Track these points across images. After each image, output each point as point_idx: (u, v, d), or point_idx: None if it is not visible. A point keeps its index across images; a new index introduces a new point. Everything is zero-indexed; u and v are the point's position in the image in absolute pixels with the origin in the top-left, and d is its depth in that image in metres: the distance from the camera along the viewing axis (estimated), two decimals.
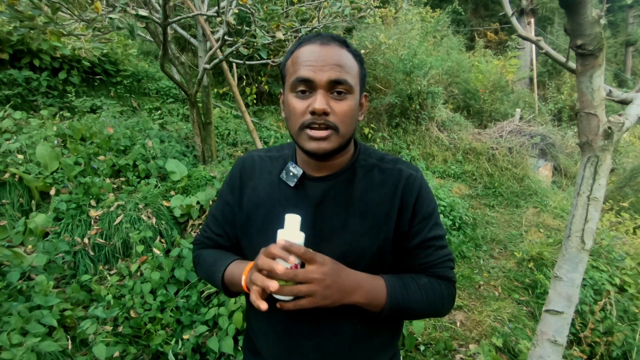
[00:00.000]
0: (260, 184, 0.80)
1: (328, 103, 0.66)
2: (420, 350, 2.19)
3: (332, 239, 0.73)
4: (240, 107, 3.29)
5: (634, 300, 2.40)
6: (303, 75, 0.66)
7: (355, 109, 0.71)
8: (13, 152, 2.68)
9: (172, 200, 2.71)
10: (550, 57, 1.33)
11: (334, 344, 0.76)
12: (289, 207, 0.74)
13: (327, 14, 3.04)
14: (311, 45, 0.68)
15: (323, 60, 0.66)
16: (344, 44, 0.71)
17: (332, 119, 0.67)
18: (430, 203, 0.77)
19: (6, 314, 1.68)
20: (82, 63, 3.92)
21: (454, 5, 6.69)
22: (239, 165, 0.85)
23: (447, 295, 0.77)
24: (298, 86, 0.67)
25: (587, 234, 1.11)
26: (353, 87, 0.69)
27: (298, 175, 0.76)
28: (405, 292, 0.72)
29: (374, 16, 4.95)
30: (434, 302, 0.75)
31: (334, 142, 0.68)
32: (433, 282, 0.76)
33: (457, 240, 3.52)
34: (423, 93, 5.41)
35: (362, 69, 0.73)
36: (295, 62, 0.69)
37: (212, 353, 1.87)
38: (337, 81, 0.66)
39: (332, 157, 0.73)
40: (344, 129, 0.69)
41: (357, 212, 0.74)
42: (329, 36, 0.70)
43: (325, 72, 0.66)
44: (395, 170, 0.77)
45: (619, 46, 15.69)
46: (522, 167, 5.32)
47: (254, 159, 0.84)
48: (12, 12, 1.92)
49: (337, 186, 0.75)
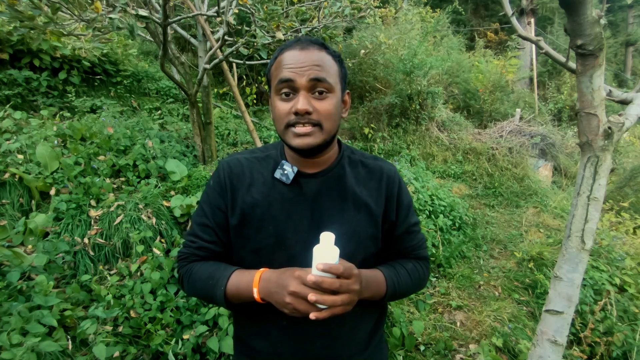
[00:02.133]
0: (253, 184, 0.81)
1: (310, 103, 0.71)
2: (420, 350, 2.19)
3: (331, 231, 0.74)
4: (240, 107, 3.29)
5: (634, 300, 2.40)
6: (285, 76, 0.71)
7: (337, 106, 0.75)
8: (13, 152, 2.68)
9: (172, 200, 2.71)
10: (550, 57, 1.33)
11: (337, 328, 0.82)
12: (286, 203, 0.79)
13: (327, 14, 3.04)
14: (292, 50, 0.73)
15: (303, 62, 0.71)
16: (323, 46, 0.76)
17: (315, 117, 0.72)
18: (408, 194, 0.90)
19: (6, 314, 1.68)
20: (82, 63, 3.92)
21: (454, 5, 6.69)
22: (225, 170, 0.84)
23: (427, 273, 0.93)
24: (281, 88, 0.72)
25: (587, 234, 1.11)
26: (333, 86, 0.73)
27: (294, 173, 0.79)
28: (399, 279, 0.83)
29: (374, 16, 4.94)
30: (418, 283, 0.89)
31: (318, 137, 0.73)
32: (416, 265, 0.90)
33: (457, 240, 3.52)
34: (423, 93, 5.41)
35: (342, 68, 0.79)
36: (278, 66, 0.74)
37: (212, 353, 1.87)
38: (316, 79, 0.71)
39: (318, 153, 0.79)
40: (328, 126, 0.73)
41: (350, 204, 0.81)
42: (308, 40, 0.75)
43: (305, 72, 0.70)
44: (377, 167, 0.87)
45: (619, 46, 15.69)
46: (522, 167, 5.32)
47: (241, 161, 0.85)
48: (12, 12, 1.92)
49: (330, 181, 0.81)
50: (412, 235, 0.89)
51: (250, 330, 0.86)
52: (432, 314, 2.57)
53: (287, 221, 0.78)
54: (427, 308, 2.57)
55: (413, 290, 0.89)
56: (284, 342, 0.81)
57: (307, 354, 0.82)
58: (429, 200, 3.60)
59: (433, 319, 2.49)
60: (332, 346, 0.82)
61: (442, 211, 3.64)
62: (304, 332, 0.80)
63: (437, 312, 2.59)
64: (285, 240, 0.78)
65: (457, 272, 3.09)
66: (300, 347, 0.81)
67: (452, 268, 3.16)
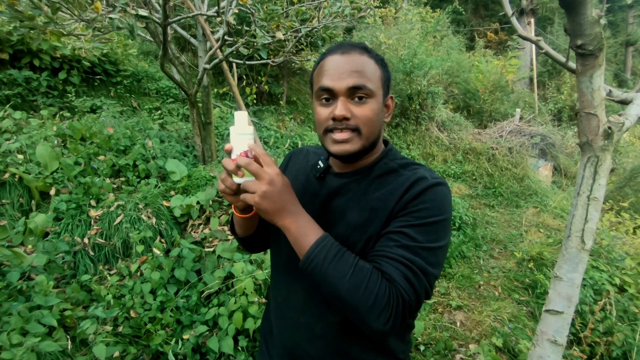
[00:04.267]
0: (299, 170, 0.90)
1: (349, 109, 0.70)
2: (420, 350, 2.19)
3: (330, 229, 0.76)
4: (240, 107, 3.29)
5: (634, 300, 2.40)
6: (324, 84, 0.72)
7: (377, 112, 0.73)
8: (13, 152, 2.68)
9: (172, 200, 2.71)
10: (550, 57, 1.33)
11: (320, 328, 0.79)
12: (307, 194, 0.82)
13: (327, 14, 3.04)
14: (333, 55, 0.73)
15: (342, 68, 0.70)
16: (365, 49, 0.74)
17: (353, 123, 0.71)
18: (431, 210, 0.69)
19: (6, 314, 1.68)
20: (82, 63, 3.92)
21: (454, 5, 6.69)
22: (290, 153, 0.98)
23: (382, 293, 0.63)
24: (321, 95, 0.73)
25: (587, 234, 1.11)
26: (374, 91, 0.72)
27: (322, 169, 0.83)
28: (334, 257, 0.65)
29: (374, 16, 4.94)
30: (356, 288, 0.63)
31: (356, 143, 0.72)
32: (373, 272, 0.65)
33: (457, 240, 3.52)
34: (423, 93, 5.41)
35: (384, 72, 0.76)
36: (319, 72, 0.75)
37: (212, 353, 1.87)
38: (356, 87, 0.70)
39: (357, 159, 0.77)
40: (367, 131, 0.72)
41: (357, 207, 0.76)
42: (350, 44, 0.74)
43: (344, 80, 0.70)
44: (412, 174, 0.74)
45: (619, 46, 15.69)
46: (522, 167, 5.32)
47: (303, 150, 0.96)
48: (12, 12, 1.92)
49: (352, 183, 0.80)
50: (391, 243, 0.68)
51: (266, 310, 0.98)
52: (432, 314, 2.57)
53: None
54: (427, 308, 2.57)
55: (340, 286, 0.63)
56: (280, 321, 0.86)
57: (293, 341, 0.83)
58: None
59: (433, 319, 2.49)
60: (315, 344, 0.80)
61: None
62: (290, 316, 0.83)
63: (437, 312, 2.59)
64: None
65: (457, 272, 3.09)
66: (288, 333, 0.84)
67: (452, 268, 3.16)
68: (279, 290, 0.88)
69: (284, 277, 0.87)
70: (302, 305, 0.81)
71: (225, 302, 2.04)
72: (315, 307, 0.79)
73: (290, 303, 0.83)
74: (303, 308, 0.81)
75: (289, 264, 0.83)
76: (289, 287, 0.84)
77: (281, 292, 0.86)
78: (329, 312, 0.78)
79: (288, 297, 0.84)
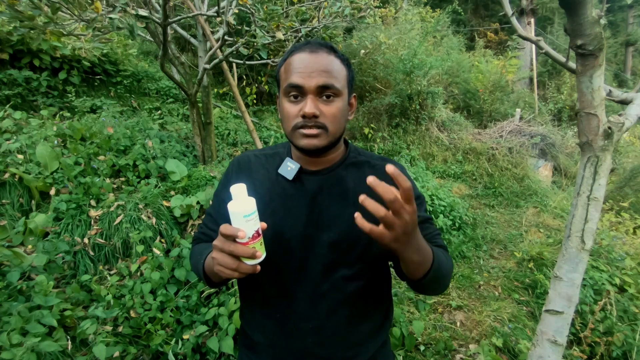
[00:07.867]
0: (257, 179, 0.85)
1: (317, 106, 0.72)
2: (420, 350, 2.19)
3: (329, 228, 0.79)
4: (240, 107, 3.28)
5: (634, 300, 2.40)
6: (294, 81, 0.72)
7: (343, 110, 0.77)
8: (13, 152, 2.68)
9: (172, 200, 2.71)
10: (550, 57, 1.33)
11: (331, 326, 0.80)
12: (287, 199, 0.81)
13: (327, 14, 3.04)
14: (301, 53, 0.74)
15: (312, 67, 0.72)
16: (332, 49, 0.76)
17: (321, 120, 0.73)
18: (415, 189, 0.80)
19: (6, 314, 1.68)
20: (82, 63, 3.92)
21: (454, 5, 6.69)
22: (234, 164, 0.90)
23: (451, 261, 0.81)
24: (290, 91, 0.74)
25: (587, 234, 1.11)
26: (340, 91, 0.74)
27: (296, 169, 0.81)
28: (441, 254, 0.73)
29: (374, 16, 4.94)
30: (450, 267, 0.77)
31: (324, 139, 0.74)
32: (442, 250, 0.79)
33: (457, 240, 3.52)
34: (423, 93, 5.41)
35: (349, 72, 0.79)
36: (287, 69, 0.75)
37: (212, 353, 1.86)
38: (325, 86, 0.72)
39: (323, 153, 0.79)
40: (333, 128, 0.75)
41: (350, 203, 0.79)
42: (318, 43, 0.76)
43: (313, 79, 0.72)
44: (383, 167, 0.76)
45: (619, 46, 15.69)
46: (522, 167, 5.32)
47: (250, 157, 0.90)
48: (12, 12, 1.92)
49: (331, 179, 0.82)
50: (425, 225, 0.81)
51: (250, 322, 0.90)
52: (432, 314, 2.57)
53: (286, 216, 0.80)
54: (427, 308, 2.57)
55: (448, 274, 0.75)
56: (277, 334, 0.84)
57: (300, 348, 0.82)
58: (429, 201, 3.60)
59: (433, 319, 2.49)
60: (326, 344, 0.81)
61: (442, 211, 3.64)
62: (296, 326, 0.81)
63: (437, 312, 2.59)
64: (283, 235, 0.79)
65: (457, 272, 3.09)
66: (293, 341, 0.82)
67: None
68: (274, 308, 0.83)
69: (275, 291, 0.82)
70: (310, 312, 0.80)
71: (225, 302, 2.04)
72: (323, 309, 0.80)
73: (294, 315, 0.81)
74: (309, 314, 0.80)
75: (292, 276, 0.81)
76: (288, 300, 0.81)
77: (278, 309, 0.83)
78: (337, 310, 0.79)
79: (289, 309, 0.82)
